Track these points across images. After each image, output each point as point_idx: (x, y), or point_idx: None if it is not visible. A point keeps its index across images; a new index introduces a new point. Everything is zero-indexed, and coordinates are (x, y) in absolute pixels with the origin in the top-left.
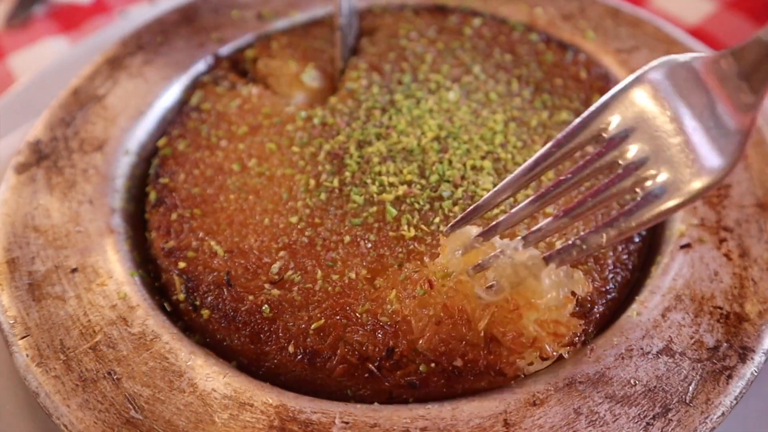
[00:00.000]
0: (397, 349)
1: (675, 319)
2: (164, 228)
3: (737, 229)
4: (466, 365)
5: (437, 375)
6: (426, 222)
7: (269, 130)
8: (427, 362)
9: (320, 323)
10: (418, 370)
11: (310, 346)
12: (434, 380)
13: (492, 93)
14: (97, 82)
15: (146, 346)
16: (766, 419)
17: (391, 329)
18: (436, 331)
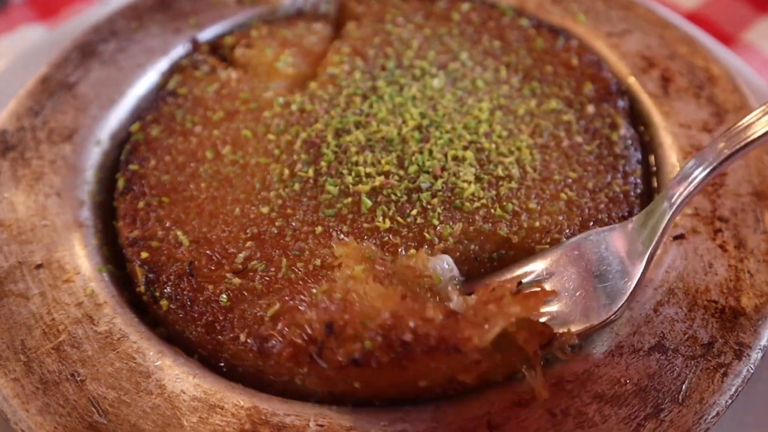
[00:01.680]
0: (340, 323)
1: (667, 313)
2: (130, 216)
3: (733, 219)
4: (417, 339)
5: (384, 350)
6: (402, 214)
7: (246, 116)
8: (373, 339)
9: (276, 309)
10: (363, 347)
11: (260, 333)
12: (380, 356)
13: (479, 80)
14: (68, 70)
15: (113, 346)
16: (764, 419)
17: (342, 304)
18: (396, 304)
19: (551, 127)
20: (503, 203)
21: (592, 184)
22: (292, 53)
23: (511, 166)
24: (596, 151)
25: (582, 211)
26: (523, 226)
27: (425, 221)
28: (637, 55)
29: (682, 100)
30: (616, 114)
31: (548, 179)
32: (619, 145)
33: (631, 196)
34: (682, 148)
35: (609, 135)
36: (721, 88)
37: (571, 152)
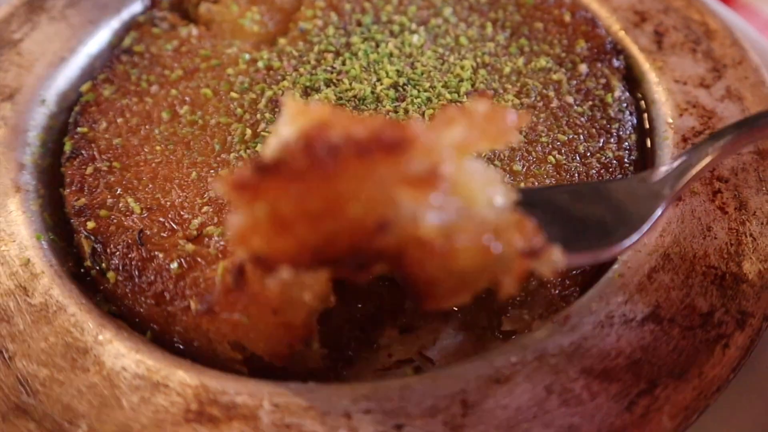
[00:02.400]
0: None
1: (663, 280)
2: (78, 183)
3: (733, 179)
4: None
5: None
6: None
7: (206, 74)
8: None
9: (224, 264)
10: None
11: (210, 294)
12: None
13: (462, 37)
14: (13, 26)
15: (47, 320)
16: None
17: None
18: None
19: (539, 87)
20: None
21: (583, 148)
22: (260, 10)
23: None
24: (588, 113)
25: (571, 176)
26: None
27: None
28: (629, 9)
29: (677, 55)
30: (611, 74)
31: (535, 141)
32: (614, 107)
33: (625, 162)
34: (677, 105)
35: (603, 96)
36: (719, 42)
37: (561, 113)
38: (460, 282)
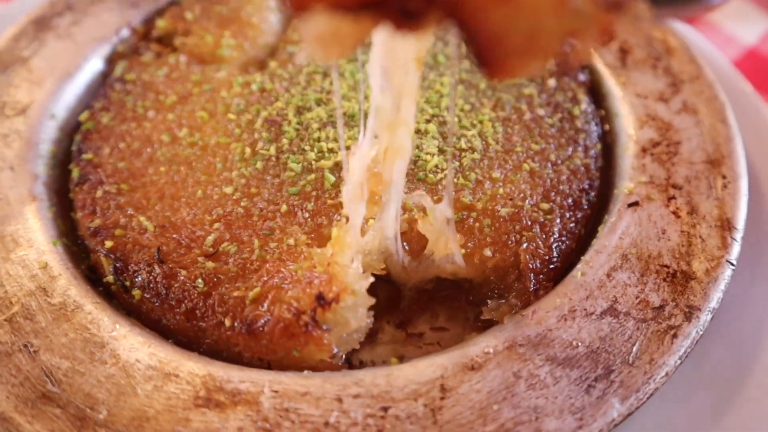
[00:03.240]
0: (330, 294)
1: (620, 278)
2: (89, 206)
3: (686, 186)
4: None
5: None
6: None
7: (200, 98)
8: None
9: (257, 291)
10: None
11: (246, 315)
12: None
13: (440, 55)
14: (23, 44)
15: (67, 317)
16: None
17: (327, 277)
18: None
19: (513, 101)
20: (466, 173)
21: (554, 156)
22: (233, 32)
23: (473, 139)
24: (558, 125)
25: (544, 182)
26: (487, 193)
27: None
28: None
29: (639, 71)
30: (578, 88)
31: (511, 151)
32: (580, 119)
33: (591, 169)
34: (638, 118)
35: (570, 109)
36: (678, 59)
37: (533, 125)
38: (529, 40)
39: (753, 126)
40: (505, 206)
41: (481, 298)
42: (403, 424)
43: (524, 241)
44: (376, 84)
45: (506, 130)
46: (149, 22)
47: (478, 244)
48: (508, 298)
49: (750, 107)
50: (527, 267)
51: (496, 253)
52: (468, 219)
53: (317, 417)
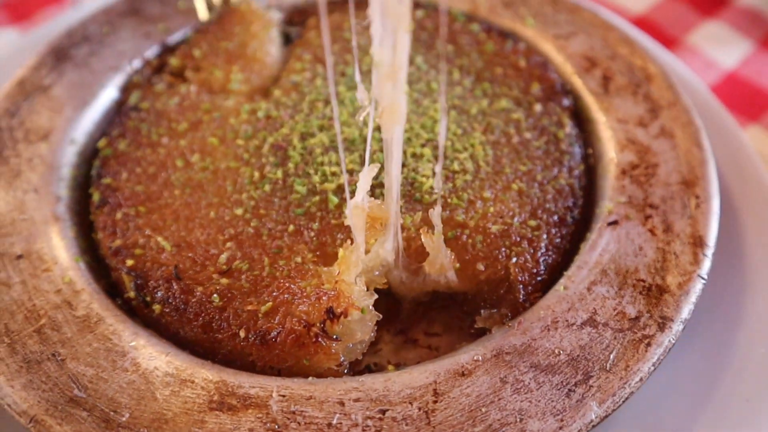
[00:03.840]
0: (339, 309)
1: (600, 292)
2: (110, 228)
3: (662, 206)
4: None
5: None
6: None
7: (210, 125)
8: None
9: (269, 305)
10: None
11: (260, 327)
12: None
13: (433, 83)
14: (43, 73)
15: (90, 328)
16: (683, 385)
17: (335, 294)
18: None
19: (502, 125)
20: (459, 193)
21: (540, 177)
22: (240, 67)
23: (465, 161)
24: (544, 147)
25: (532, 201)
26: (479, 212)
27: None
28: (582, 55)
29: (620, 97)
30: (562, 112)
31: (500, 172)
32: (565, 141)
33: (575, 188)
34: (618, 141)
35: (556, 132)
36: (657, 85)
37: (521, 148)
38: None
39: (727, 147)
40: (495, 223)
41: (474, 308)
42: (399, 426)
43: (514, 255)
44: (377, 35)
45: (496, 153)
46: (162, 55)
47: (471, 258)
48: (499, 308)
49: (725, 129)
50: (517, 279)
51: (488, 267)
52: (462, 236)
53: (321, 419)
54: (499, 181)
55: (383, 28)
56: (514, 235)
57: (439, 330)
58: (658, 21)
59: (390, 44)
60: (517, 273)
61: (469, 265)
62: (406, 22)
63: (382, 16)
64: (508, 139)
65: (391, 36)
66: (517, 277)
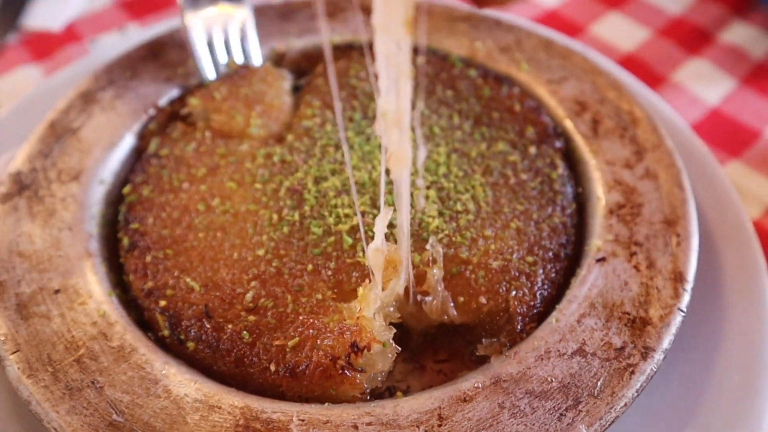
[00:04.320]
0: (362, 343)
1: (588, 324)
2: (141, 270)
3: (646, 244)
4: None
5: None
6: None
7: (227, 169)
8: None
9: (296, 340)
10: None
11: (289, 360)
12: None
13: (435, 127)
14: (72, 116)
15: (125, 358)
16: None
17: (358, 329)
18: None
19: (500, 167)
20: (462, 232)
21: (536, 215)
22: (259, 113)
23: (467, 202)
24: (539, 188)
25: (529, 238)
26: (480, 249)
27: None
28: (573, 99)
29: (608, 139)
30: (554, 154)
31: (500, 212)
32: (558, 182)
33: (568, 225)
34: (606, 182)
35: (549, 173)
36: (642, 129)
37: (518, 188)
38: None
39: (707, 183)
40: (496, 260)
41: (475, 337)
42: None
43: (513, 289)
44: (383, 87)
45: (495, 194)
46: (180, 100)
47: (474, 292)
48: (499, 337)
49: (706, 167)
50: (516, 312)
51: (490, 300)
52: (465, 271)
53: None
54: (499, 220)
55: (387, 79)
56: (513, 270)
57: (444, 357)
58: (646, 59)
59: (393, 92)
60: (516, 305)
61: (472, 298)
62: (407, 70)
63: (386, 67)
64: (505, 181)
65: (394, 84)
66: (516, 309)
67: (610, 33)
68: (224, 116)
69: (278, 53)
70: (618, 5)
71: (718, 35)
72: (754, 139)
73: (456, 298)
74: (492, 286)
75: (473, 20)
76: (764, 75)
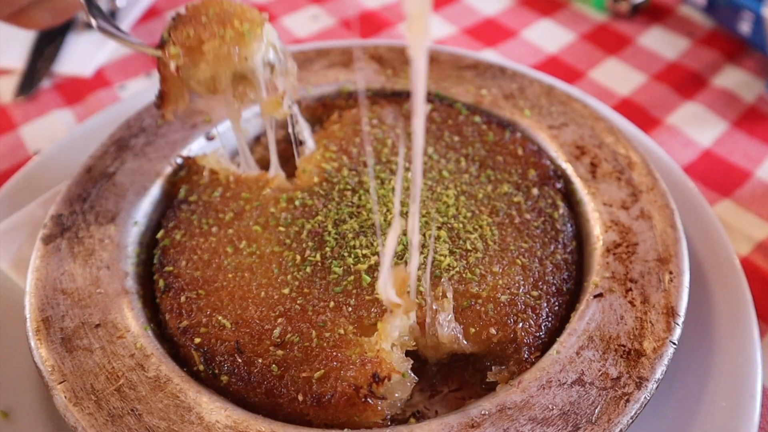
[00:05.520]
0: (383, 374)
1: (587, 355)
2: (176, 310)
3: (641, 281)
4: None
5: None
6: None
7: (252, 213)
8: None
9: (321, 372)
10: None
11: (315, 391)
12: None
13: (444, 171)
14: (107, 161)
15: (161, 387)
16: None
17: (378, 360)
18: None
19: (505, 208)
20: (472, 269)
21: (540, 253)
22: None
23: (476, 241)
24: (542, 227)
25: (534, 274)
26: (489, 284)
27: None
28: (572, 144)
29: (606, 182)
30: (555, 195)
31: (506, 249)
32: (559, 221)
33: (569, 262)
34: (604, 223)
35: (551, 213)
36: (638, 172)
37: (522, 227)
38: None
39: (699, 222)
40: (504, 294)
41: (483, 367)
42: None
43: (520, 321)
44: None
45: (501, 233)
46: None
47: (484, 324)
48: (507, 365)
49: (697, 206)
50: (523, 341)
51: (500, 331)
52: (476, 305)
53: None
54: (505, 257)
55: None
56: (520, 303)
57: (456, 385)
58: (642, 103)
59: None
60: (523, 336)
61: (483, 329)
62: None
63: None
64: (511, 220)
65: None
66: (523, 339)
67: (608, 78)
68: None
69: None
70: (615, 51)
71: (711, 80)
72: (745, 179)
73: (468, 329)
74: (501, 318)
75: (479, 68)
76: (755, 118)
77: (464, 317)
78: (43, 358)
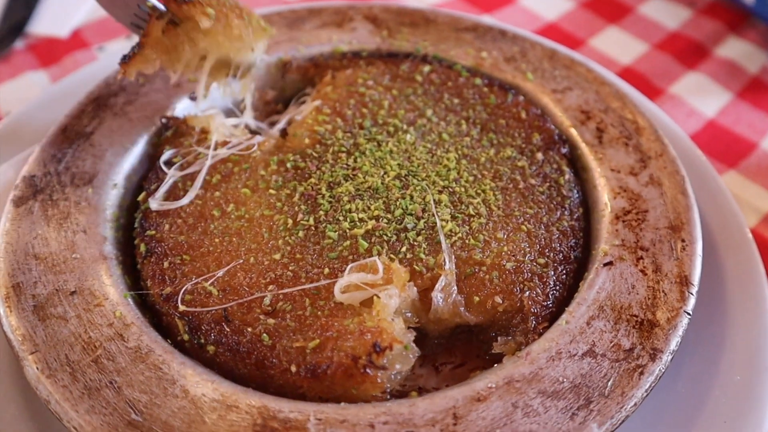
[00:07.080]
0: (384, 344)
1: (598, 326)
2: (158, 276)
3: (652, 249)
4: None
5: None
6: (394, 251)
7: (241, 176)
8: None
9: (316, 342)
10: None
11: (309, 361)
12: None
13: (444, 134)
14: (84, 121)
15: (142, 359)
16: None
17: (378, 330)
18: None
19: (509, 172)
20: (476, 235)
21: (545, 219)
22: None
23: (479, 206)
24: (547, 192)
25: (540, 240)
26: (494, 251)
27: (413, 256)
28: (577, 109)
29: (613, 148)
30: (561, 160)
31: (510, 215)
32: (565, 187)
33: (576, 229)
34: (612, 189)
35: (557, 179)
36: (646, 137)
37: (527, 193)
38: None
39: (708, 191)
40: (509, 261)
41: (488, 338)
42: None
43: (527, 289)
44: None
45: (505, 198)
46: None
47: (489, 292)
48: (514, 335)
49: (706, 175)
50: (530, 311)
51: (506, 300)
52: (479, 272)
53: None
54: (510, 223)
55: None
56: (526, 271)
57: (459, 356)
58: (644, 72)
59: None
60: (530, 305)
61: (488, 298)
62: None
63: None
64: (515, 185)
65: None
66: (530, 308)
67: (608, 46)
68: None
69: (284, 62)
70: (616, 20)
71: (714, 50)
72: (750, 150)
73: (471, 298)
74: (506, 287)
75: (479, 31)
76: (759, 89)
77: (467, 285)
78: (13, 327)
